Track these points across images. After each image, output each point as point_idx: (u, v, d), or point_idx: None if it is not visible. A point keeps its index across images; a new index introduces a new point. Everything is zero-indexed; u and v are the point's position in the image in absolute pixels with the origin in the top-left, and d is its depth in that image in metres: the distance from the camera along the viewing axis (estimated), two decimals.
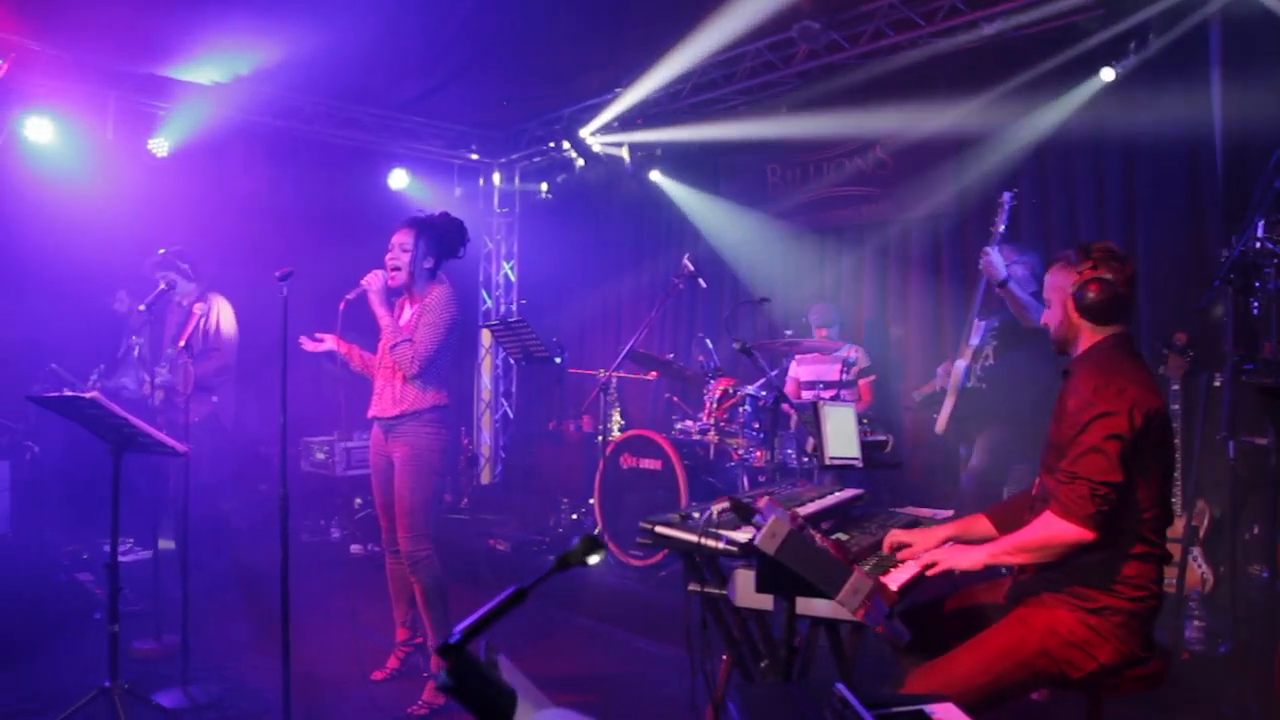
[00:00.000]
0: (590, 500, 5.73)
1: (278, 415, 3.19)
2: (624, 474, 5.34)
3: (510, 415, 8.81)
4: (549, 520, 6.34)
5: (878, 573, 2.34)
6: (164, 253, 4.82)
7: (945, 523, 2.78)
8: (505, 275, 8.87)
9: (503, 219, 8.84)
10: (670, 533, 2.42)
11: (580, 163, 7.45)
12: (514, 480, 8.34)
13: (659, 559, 4.91)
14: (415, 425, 3.62)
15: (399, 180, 7.79)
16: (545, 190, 8.34)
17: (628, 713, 3.69)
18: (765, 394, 5.00)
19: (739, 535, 2.30)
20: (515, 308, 8.77)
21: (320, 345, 3.73)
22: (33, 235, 5.74)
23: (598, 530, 5.39)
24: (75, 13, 5.32)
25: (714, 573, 2.54)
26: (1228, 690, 3.23)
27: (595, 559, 1.19)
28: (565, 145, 7.35)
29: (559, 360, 5.83)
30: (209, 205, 6.41)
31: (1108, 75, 4.72)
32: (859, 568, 1.90)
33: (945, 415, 4.50)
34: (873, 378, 5.45)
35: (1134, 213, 4.81)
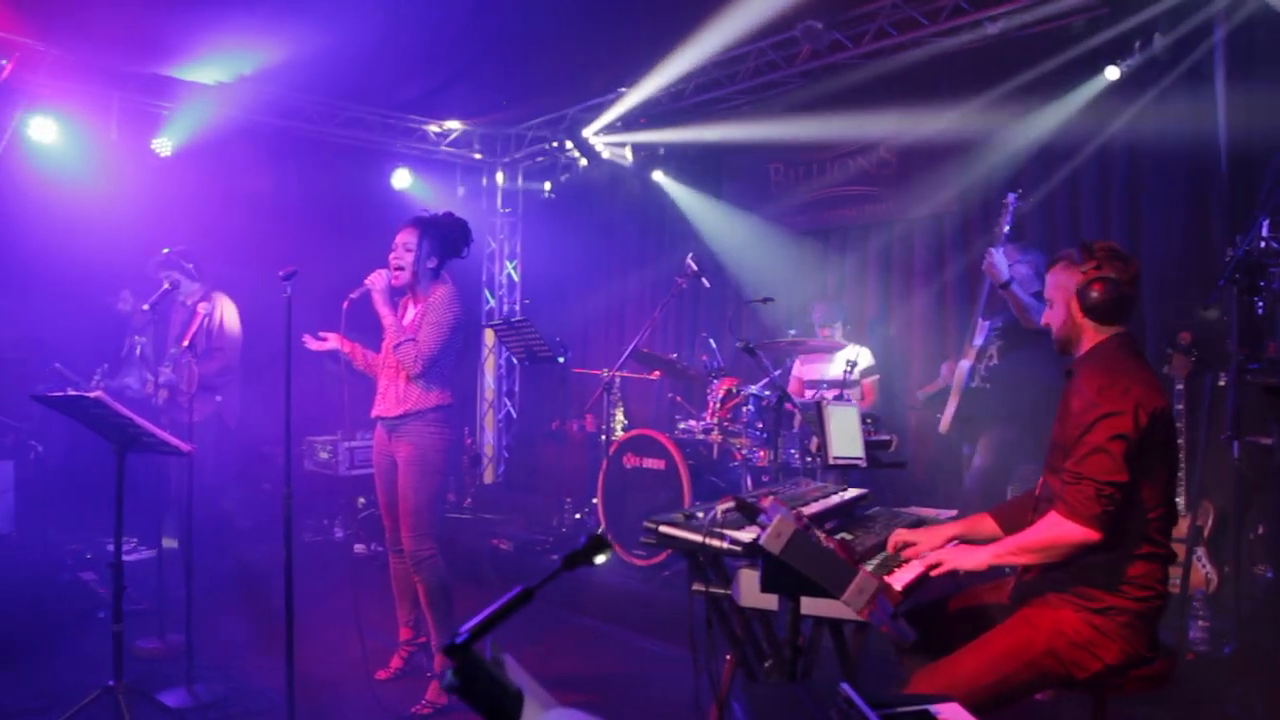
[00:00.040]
0: (594, 500, 5.72)
1: (281, 415, 3.19)
2: (627, 474, 5.34)
3: (513, 415, 8.81)
4: (552, 520, 6.35)
5: (882, 572, 2.33)
6: (168, 252, 4.83)
7: (949, 522, 2.77)
8: (508, 275, 8.87)
9: (506, 219, 8.83)
10: (674, 532, 2.42)
11: (583, 162, 7.46)
12: (517, 480, 8.35)
13: (662, 559, 4.91)
14: (419, 425, 3.62)
15: (402, 180, 7.80)
16: (548, 190, 8.36)
17: (632, 713, 3.69)
18: (769, 393, 4.99)
19: (743, 535, 2.30)
20: (518, 307, 8.77)
21: (324, 344, 3.73)
22: (37, 235, 5.75)
23: (601, 530, 5.39)
24: (79, 13, 5.33)
25: (718, 572, 2.53)
26: (1232, 691, 3.22)
27: (602, 558, 1.19)
28: (568, 145, 7.35)
29: (562, 360, 5.82)
30: (212, 205, 6.40)
31: (1112, 74, 4.71)
32: (864, 567, 1.90)
33: (949, 415, 4.50)
34: (876, 377, 5.44)
35: (1138, 212, 4.80)
